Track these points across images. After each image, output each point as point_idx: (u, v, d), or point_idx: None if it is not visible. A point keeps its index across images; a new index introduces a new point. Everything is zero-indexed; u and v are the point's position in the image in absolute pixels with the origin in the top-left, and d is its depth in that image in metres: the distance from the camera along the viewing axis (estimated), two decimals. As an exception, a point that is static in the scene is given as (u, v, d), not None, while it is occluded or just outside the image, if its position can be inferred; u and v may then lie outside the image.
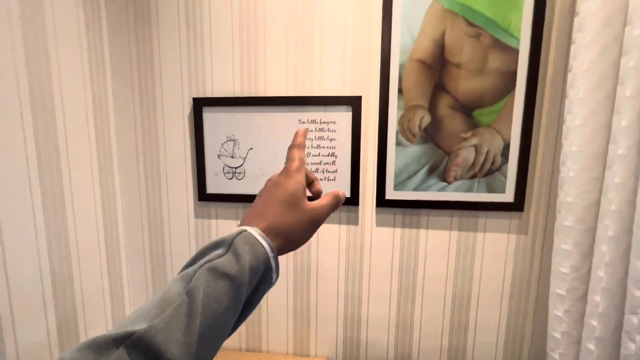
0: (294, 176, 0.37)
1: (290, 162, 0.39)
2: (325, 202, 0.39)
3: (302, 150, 0.40)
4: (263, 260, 0.32)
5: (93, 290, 0.97)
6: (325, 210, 0.38)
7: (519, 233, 0.95)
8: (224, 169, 1.01)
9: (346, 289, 1.03)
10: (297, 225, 0.36)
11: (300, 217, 0.36)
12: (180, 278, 0.29)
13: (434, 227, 0.98)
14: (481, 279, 0.98)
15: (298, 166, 0.38)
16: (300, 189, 0.37)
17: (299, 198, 0.36)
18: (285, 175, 0.37)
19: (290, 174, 0.37)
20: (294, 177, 0.37)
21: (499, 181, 0.93)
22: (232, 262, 0.30)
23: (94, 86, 0.95)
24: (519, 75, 0.88)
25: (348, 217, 1.00)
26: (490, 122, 0.91)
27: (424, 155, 0.94)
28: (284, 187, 0.36)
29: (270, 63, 0.96)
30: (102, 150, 0.98)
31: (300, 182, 0.37)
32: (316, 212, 0.37)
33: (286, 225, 0.35)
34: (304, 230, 0.37)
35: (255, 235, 0.33)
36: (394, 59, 0.91)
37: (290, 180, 0.37)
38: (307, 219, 0.36)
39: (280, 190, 0.36)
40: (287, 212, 0.35)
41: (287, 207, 0.35)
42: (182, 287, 0.28)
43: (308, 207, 0.37)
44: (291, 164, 0.38)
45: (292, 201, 0.36)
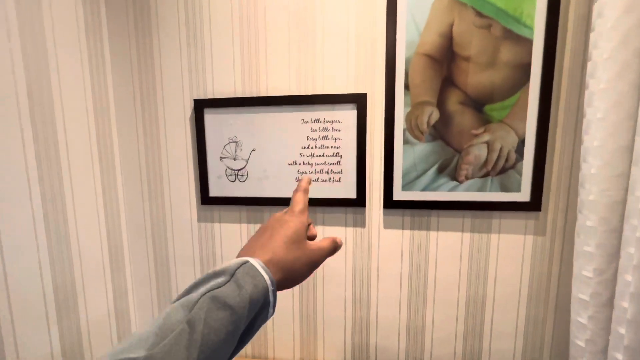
0: (298, 216, 0.40)
1: (296, 204, 0.42)
2: (325, 245, 0.41)
3: (306, 195, 0.43)
4: (263, 293, 0.32)
5: (97, 298, 0.96)
6: (325, 253, 0.41)
7: (536, 234, 0.90)
8: (226, 171, 0.99)
9: (354, 293, 1.00)
10: (297, 262, 0.37)
11: (301, 255, 0.38)
12: (181, 304, 0.28)
13: (445, 229, 0.93)
14: (496, 282, 0.94)
15: (302, 209, 0.41)
16: (304, 229, 0.39)
17: (301, 237, 0.38)
18: (291, 215, 0.40)
19: (295, 214, 0.40)
20: (298, 217, 0.40)
21: (514, 179, 0.88)
22: (233, 292, 0.29)
23: (95, 90, 0.94)
24: (533, 67, 0.83)
25: (354, 219, 0.96)
26: (503, 117, 0.86)
27: (433, 154, 0.90)
28: (289, 225, 0.38)
29: (272, 62, 0.93)
30: (104, 155, 0.97)
31: (304, 223, 0.40)
32: (316, 254, 0.40)
33: (288, 261, 0.36)
34: (303, 268, 0.38)
35: (257, 266, 0.33)
36: (400, 53, 0.87)
37: (295, 219, 0.39)
38: (307, 258, 0.38)
39: (285, 227, 0.38)
40: (290, 249, 0.37)
41: (291, 244, 0.37)
42: (183, 315, 0.27)
43: (309, 247, 0.39)
44: (296, 206, 0.42)
45: (296, 239, 0.38)
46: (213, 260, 1.04)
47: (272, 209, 1.00)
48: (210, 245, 1.04)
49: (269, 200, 0.98)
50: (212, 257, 1.04)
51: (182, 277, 1.07)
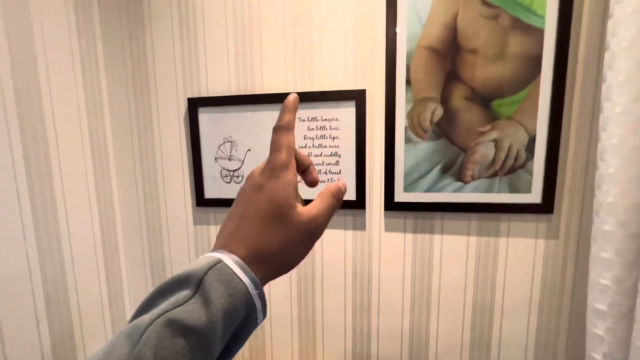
0: (280, 175, 0.28)
1: (275, 153, 0.29)
2: (323, 206, 0.29)
3: (290, 133, 0.29)
4: (244, 301, 0.25)
5: (91, 302, 0.94)
6: (325, 216, 0.29)
7: (548, 238, 0.84)
8: (221, 172, 0.96)
9: (354, 299, 0.95)
10: (287, 244, 0.27)
11: (291, 232, 0.27)
12: (127, 334, 0.22)
13: (450, 232, 0.88)
14: (505, 289, 0.88)
15: (285, 159, 0.28)
16: (290, 193, 0.28)
17: (288, 208, 0.27)
18: (269, 175, 0.28)
19: (276, 172, 0.28)
20: (280, 177, 0.28)
21: (524, 180, 0.82)
22: (198, 311, 0.23)
23: (87, 89, 0.92)
24: (545, 59, 0.77)
25: (354, 221, 0.92)
26: (511, 113, 0.80)
27: (436, 153, 0.85)
28: (267, 192, 0.27)
29: (267, 58, 0.90)
30: (97, 156, 0.95)
31: (290, 183, 0.28)
32: (313, 224, 0.28)
33: (273, 248, 0.27)
34: (298, 248, 0.28)
35: (233, 267, 0.25)
36: (401, 47, 0.83)
37: (275, 182, 0.28)
38: (301, 234, 0.28)
39: (262, 198, 0.27)
40: (274, 229, 0.27)
41: (273, 221, 0.27)
42: (126, 352, 0.21)
43: (301, 218, 0.28)
44: (276, 155, 0.28)
45: (279, 213, 0.27)
46: (209, 264, 1.01)
47: (269, 211, 0.96)
48: (206, 249, 1.01)
49: (265, 202, 0.94)
50: (208, 260, 1.01)
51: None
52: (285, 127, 0.29)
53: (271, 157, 0.29)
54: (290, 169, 0.29)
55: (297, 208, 0.28)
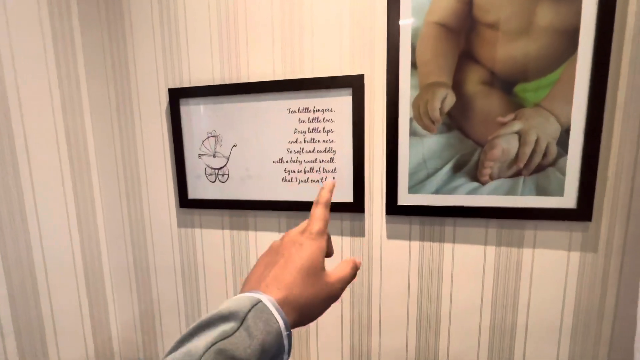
0: (317, 240, 0.33)
1: (315, 222, 0.35)
2: (344, 275, 0.34)
3: (328, 210, 0.36)
4: (276, 340, 0.27)
5: (68, 311, 0.87)
6: (344, 284, 0.34)
7: (585, 250, 0.70)
8: (205, 170, 0.87)
9: (352, 314, 0.84)
10: (315, 299, 0.31)
11: (320, 290, 0.32)
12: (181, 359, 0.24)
13: (463, 241, 0.76)
14: (530, 309, 0.74)
15: (323, 229, 0.35)
16: (322, 256, 0.33)
17: (320, 267, 0.32)
18: (309, 237, 0.33)
19: (314, 237, 0.33)
20: (317, 241, 0.33)
21: (555, 180, 0.68)
22: (244, 343, 0.25)
23: (63, 81, 0.85)
24: (583, 33, 0.63)
25: (352, 226, 0.81)
26: (539, 100, 0.67)
27: (447, 148, 0.72)
28: (307, 251, 0.32)
29: (254, 43, 0.80)
30: (75, 153, 0.88)
31: (323, 249, 0.34)
32: (335, 287, 0.33)
33: (304, 299, 0.30)
34: (321, 306, 0.32)
35: (271, 308, 0.28)
36: (405, 23, 0.70)
37: (313, 244, 0.33)
38: (326, 294, 0.32)
39: (302, 255, 0.32)
40: (308, 283, 0.31)
41: (308, 277, 0.31)
42: None
43: (328, 280, 0.33)
44: (316, 224, 0.34)
45: (314, 271, 0.32)
46: (195, 270, 0.93)
47: (257, 214, 0.86)
48: (191, 254, 0.93)
49: (253, 203, 0.84)
50: (194, 266, 0.93)
51: (164, 287, 0.96)
52: (325, 203, 0.36)
53: (311, 223, 0.34)
54: (325, 236, 0.34)
55: (326, 270, 0.33)
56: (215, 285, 0.92)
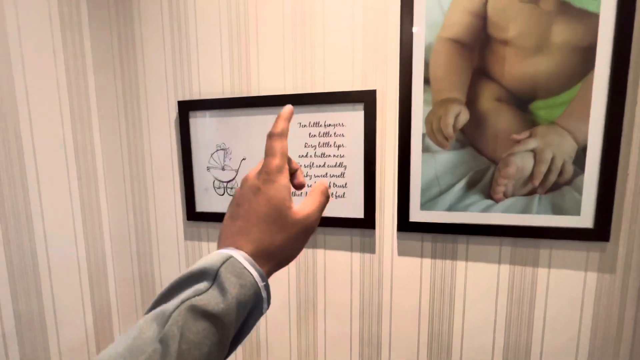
0: (276, 179, 0.31)
1: (270, 158, 0.31)
2: (315, 204, 0.33)
3: (284, 140, 0.32)
4: (253, 292, 0.28)
5: (72, 325, 0.86)
6: (317, 212, 0.33)
7: (602, 271, 0.68)
8: (214, 183, 0.86)
9: (361, 332, 0.82)
10: (287, 241, 0.31)
11: (290, 231, 0.31)
12: (153, 318, 0.25)
13: (476, 259, 0.74)
14: (545, 330, 0.73)
15: (280, 164, 0.31)
16: (286, 196, 0.31)
17: (284, 208, 0.30)
18: (265, 178, 0.31)
19: (271, 176, 0.31)
20: (276, 181, 0.31)
21: (571, 199, 0.67)
22: (217, 299, 0.26)
23: (72, 91, 0.85)
24: (600, 50, 0.62)
25: (362, 242, 0.80)
26: (555, 117, 0.66)
27: (461, 164, 0.71)
28: (266, 195, 0.30)
29: (265, 57, 0.79)
30: (83, 164, 0.88)
31: (285, 186, 0.31)
32: (308, 220, 0.32)
33: (275, 245, 0.30)
34: (296, 243, 0.32)
35: (243, 262, 0.28)
36: (418, 39, 0.70)
37: (271, 186, 0.30)
38: (298, 231, 0.31)
39: (261, 201, 0.30)
40: (275, 228, 0.30)
41: (274, 222, 0.30)
42: (156, 332, 0.24)
43: (297, 217, 0.31)
44: (271, 160, 0.31)
45: (278, 214, 0.30)
46: (201, 284, 0.91)
47: (265, 228, 0.85)
48: (197, 267, 0.91)
49: (261, 217, 0.83)
50: (200, 280, 0.91)
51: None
52: (280, 133, 0.32)
53: (266, 161, 0.31)
54: (284, 173, 0.31)
55: (293, 208, 0.31)
56: (222, 299, 0.90)
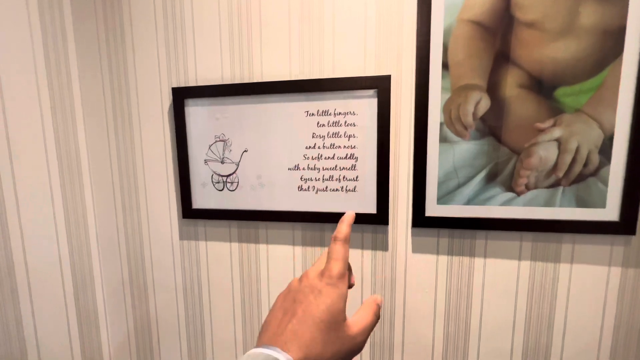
0: (338, 285, 0.30)
1: (335, 262, 0.31)
2: (367, 324, 0.31)
3: (347, 246, 0.32)
4: None
5: (54, 334, 0.78)
6: (367, 334, 0.31)
7: (627, 266, 0.66)
8: (212, 177, 0.79)
9: (373, 335, 0.78)
10: (336, 356, 0.28)
11: (341, 346, 0.28)
12: None
13: (496, 255, 0.70)
14: (566, 329, 0.69)
15: (343, 272, 0.31)
16: (343, 306, 0.30)
17: (341, 320, 0.29)
18: (328, 282, 0.30)
19: (334, 281, 0.30)
20: (338, 287, 0.30)
21: (596, 191, 0.64)
22: None
23: (53, 78, 0.76)
24: (629, 34, 0.59)
25: (374, 239, 0.75)
26: (581, 105, 0.62)
27: (481, 155, 0.67)
28: (327, 301, 0.29)
29: (268, 39, 0.73)
30: (65, 159, 0.79)
31: (344, 296, 0.30)
32: (357, 340, 0.30)
33: (324, 358, 0.27)
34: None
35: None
36: (436, 21, 0.65)
37: (333, 291, 0.29)
38: (348, 349, 0.29)
39: (321, 305, 0.29)
40: (328, 340, 0.28)
41: (329, 332, 0.28)
42: None
43: (350, 334, 0.29)
44: (336, 265, 0.31)
45: (335, 325, 0.28)
46: (198, 287, 0.85)
47: (269, 225, 0.79)
48: (194, 269, 0.84)
49: (265, 214, 0.77)
50: (197, 282, 0.85)
51: (162, 305, 0.88)
52: (344, 239, 0.32)
53: (330, 265, 0.31)
54: (345, 280, 0.31)
55: (347, 321, 0.30)
56: (221, 303, 0.84)
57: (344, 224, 0.33)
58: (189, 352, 0.88)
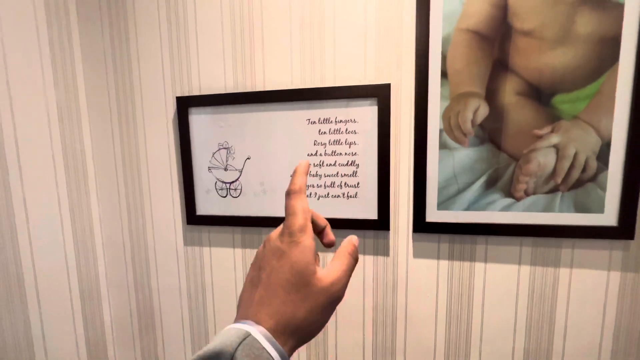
0: (300, 240, 0.28)
1: (291, 217, 0.29)
2: (342, 268, 0.29)
3: (303, 197, 0.30)
4: None
5: (62, 337, 0.79)
6: (345, 278, 0.29)
7: (626, 270, 0.66)
8: (216, 184, 0.81)
9: (375, 339, 0.78)
10: (312, 312, 0.27)
11: (314, 300, 0.27)
12: None
13: (496, 260, 0.71)
14: (567, 333, 0.70)
15: (302, 223, 0.29)
16: (310, 259, 0.28)
17: (309, 274, 0.27)
18: (289, 241, 0.28)
19: (295, 237, 0.28)
20: (300, 243, 0.28)
21: (594, 196, 0.65)
22: None
23: (60, 87, 0.78)
24: (625, 41, 0.60)
25: (376, 244, 0.76)
26: (578, 112, 0.63)
27: (480, 162, 0.68)
28: (289, 260, 0.28)
29: (270, 48, 0.75)
30: (72, 166, 0.81)
31: (309, 248, 0.28)
32: (334, 287, 0.28)
33: (298, 318, 0.26)
34: (321, 315, 0.28)
35: (263, 342, 0.24)
36: (435, 30, 0.66)
37: (295, 248, 0.28)
38: (324, 301, 0.27)
39: (285, 266, 0.28)
40: (298, 299, 0.27)
41: (297, 291, 0.27)
42: None
43: (322, 285, 0.28)
44: (293, 220, 0.29)
45: (302, 281, 0.27)
46: (202, 292, 0.86)
47: (271, 231, 0.80)
48: (198, 274, 0.86)
49: (267, 220, 0.78)
50: (202, 287, 0.86)
51: (167, 310, 0.89)
52: (299, 190, 0.30)
53: (288, 221, 0.29)
54: (308, 232, 0.29)
55: (318, 273, 0.28)
56: (225, 308, 0.85)
57: (297, 174, 0.30)
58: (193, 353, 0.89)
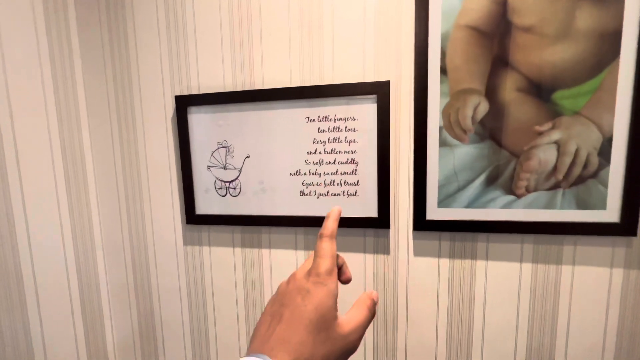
0: (326, 282, 0.29)
1: (321, 260, 0.30)
2: (360, 321, 0.29)
3: (334, 242, 0.31)
4: None
5: (61, 338, 0.79)
6: (361, 331, 0.29)
7: (629, 267, 0.66)
8: (215, 183, 0.80)
9: (375, 339, 0.78)
10: (328, 357, 0.27)
11: (332, 346, 0.27)
12: None
13: (497, 258, 0.71)
14: (569, 331, 0.69)
15: (331, 267, 0.30)
16: (333, 303, 0.28)
17: (331, 319, 0.28)
18: (315, 280, 0.29)
19: (321, 279, 0.29)
20: (326, 285, 0.28)
21: (596, 192, 0.64)
22: None
23: (59, 87, 0.78)
24: (626, 36, 0.60)
25: (376, 243, 0.75)
26: (579, 108, 0.63)
27: (480, 159, 0.67)
28: (314, 300, 0.28)
29: (269, 47, 0.74)
30: (71, 166, 0.81)
31: (334, 294, 0.29)
32: (351, 339, 0.28)
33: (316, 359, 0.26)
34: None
35: None
36: (434, 26, 0.66)
37: (321, 290, 0.28)
38: (341, 348, 0.27)
39: (309, 305, 0.27)
40: (318, 341, 0.26)
41: (318, 333, 0.27)
42: None
43: (342, 332, 0.28)
44: (322, 262, 0.30)
45: (324, 324, 0.27)
46: (202, 292, 0.86)
47: (271, 230, 0.80)
48: (198, 274, 0.85)
49: (267, 219, 0.78)
50: (202, 287, 0.85)
51: (167, 310, 0.89)
52: (330, 235, 0.31)
53: (317, 262, 0.30)
54: (334, 276, 0.30)
55: (339, 319, 0.28)
56: (225, 307, 0.85)
57: (330, 219, 0.32)
58: (194, 356, 0.88)
